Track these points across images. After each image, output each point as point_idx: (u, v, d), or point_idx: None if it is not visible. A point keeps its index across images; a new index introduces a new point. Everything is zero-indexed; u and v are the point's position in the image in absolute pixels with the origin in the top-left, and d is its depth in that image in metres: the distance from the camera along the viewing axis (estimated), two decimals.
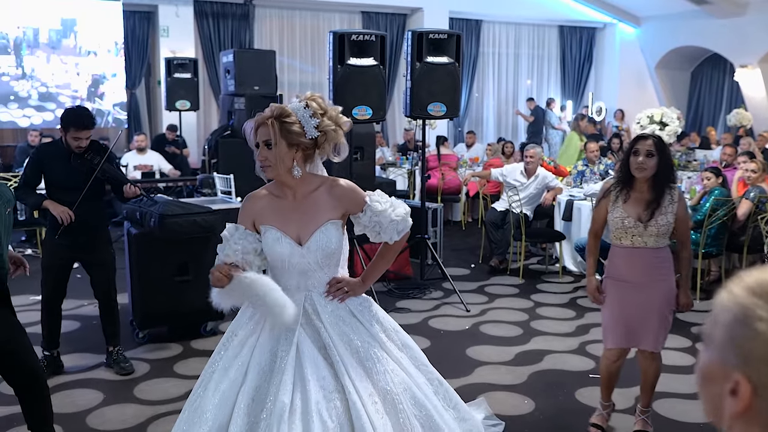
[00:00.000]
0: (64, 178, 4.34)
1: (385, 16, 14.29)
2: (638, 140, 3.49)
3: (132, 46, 12.63)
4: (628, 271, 3.55)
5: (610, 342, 3.70)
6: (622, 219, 3.50)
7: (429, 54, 6.22)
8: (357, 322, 2.61)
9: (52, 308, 4.56)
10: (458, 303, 6.14)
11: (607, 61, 16.24)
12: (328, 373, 2.46)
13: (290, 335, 2.50)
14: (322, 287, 2.61)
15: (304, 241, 2.55)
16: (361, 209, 2.64)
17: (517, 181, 7.38)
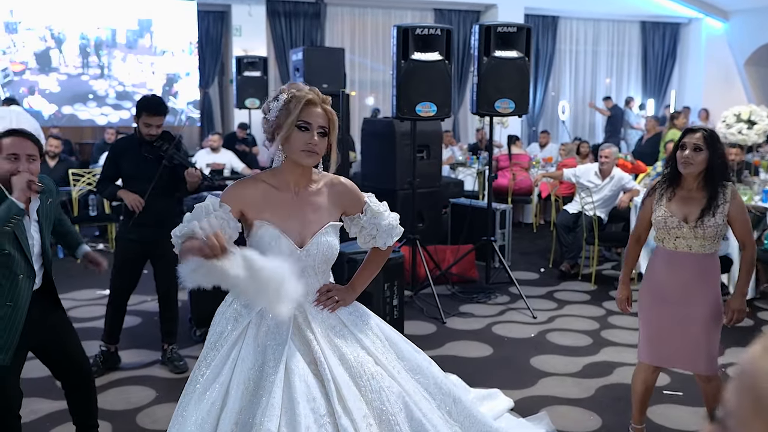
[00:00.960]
0: (136, 168, 4.38)
1: (458, 13, 14.05)
2: (686, 133, 3.21)
3: (206, 45, 12.82)
4: (668, 279, 3.24)
5: (646, 356, 3.39)
6: (665, 218, 3.21)
7: (497, 48, 5.98)
8: (349, 332, 2.42)
9: (119, 304, 4.58)
10: (525, 309, 5.88)
11: (692, 57, 15.52)
12: (319, 393, 2.23)
13: (279, 349, 2.27)
14: (312, 294, 2.42)
15: (304, 243, 2.36)
16: (361, 210, 2.52)
17: (590, 182, 7.04)
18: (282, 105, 2.32)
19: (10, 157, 2.93)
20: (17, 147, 2.95)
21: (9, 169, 2.92)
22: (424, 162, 6.84)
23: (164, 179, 4.42)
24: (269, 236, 2.33)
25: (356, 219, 2.53)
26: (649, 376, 3.43)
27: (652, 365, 3.39)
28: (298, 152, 2.31)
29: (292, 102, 2.31)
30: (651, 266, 3.37)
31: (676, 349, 3.26)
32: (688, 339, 3.21)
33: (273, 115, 2.34)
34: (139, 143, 4.42)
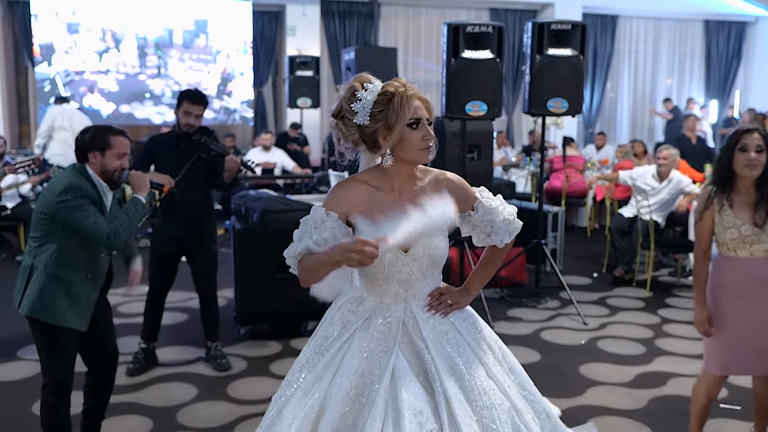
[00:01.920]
0: (173, 163, 4.33)
1: (513, 12, 13.83)
2: (743, 134, 3.04)
3: (260, 45, 12.92)
4: (743, 285, 3.11)
5: (718, 368, 3.24)
6: (738, 227, 3.06)
7: (551, 46, 5.82)
8: (462, 340, 2.25)
9: (157, 301, 4.57)
10: (575, 315, 5.70)
11: (758, 57, 14.93)
12: (426, 406, 2.08)
13: (385, 357, 2.15)
14: (422, 298, 2.27)
15: (408, 248, 2.20)
16: (471, 206, 2.32)
17: (647, 185, 6.79)
18: (375, 104, 2.14)
19: (119, 155, 3.21)
20: (125, 146, 3.24)
21: (117, 165, 3.21)
22: (474, 162, 6.70)
23: (201, 173, 4.39)
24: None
25: (467, 217, 2.34)
26: (713, 388, 3.30)
27: (721, 376, 3.27)
28: (417, 151, 2.17)
29: (394, 100, 2.12)
30: (719, 276, 3.20)
31: (752, 355, 3.16)
32: (765, 342, 3.13)
33: (364, 119, 2.14)
34: (177, 138, 4.40)
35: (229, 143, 10.45)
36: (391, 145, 2.15)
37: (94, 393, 3.46)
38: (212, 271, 4.64)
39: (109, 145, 3.18)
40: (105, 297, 3.42)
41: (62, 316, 3.11)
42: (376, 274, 2.23)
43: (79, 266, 3.15)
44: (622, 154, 9.85)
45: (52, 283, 3.10)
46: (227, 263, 6.42)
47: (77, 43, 11.70)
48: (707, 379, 3.29)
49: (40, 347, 3.20)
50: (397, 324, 2.22)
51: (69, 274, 3.13)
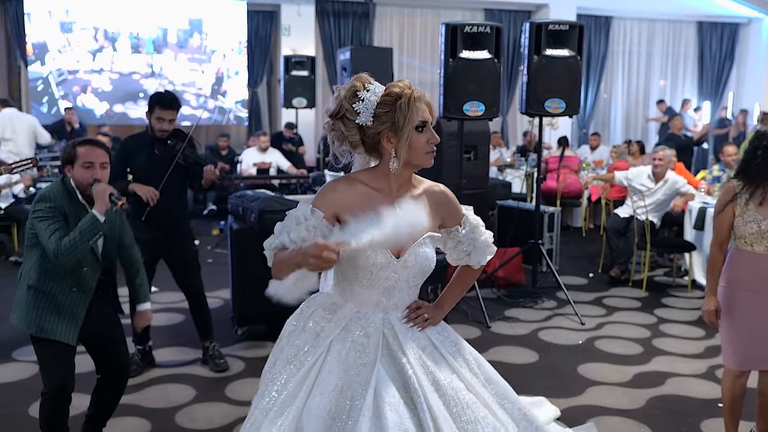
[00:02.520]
0: (148, 167, 4.30)
1: (508, 13, 13.86)
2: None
3: (255, 44, 12.90)
4: (759, 279, 3.21)
5: (736, 363, 3.32)
6: (758, 222, 3.17)
7: (548, 47, 5.81)
8: (440, 355, 2.21)
9: None
10: (572, 315, 5.70)
11: (752, 59, 14.99)
12: (411, 424, 2.00)
13: (366, 371, 2.07)
14: (401, 310, 2.22)
15: (401, 254, 2.15)
16: (459, 222, 2.31)
17: (643, 185, 6.81)
18: (375, 105, 2.08)
19: (85, 165, 3.11)
20: (92, 156, 3.12)
21: (86, 177, 3.10)
22: (471, 163, 6.70)
23: (177, 178, 4.36)
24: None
25: (454, 232, 2.31)
26: (736, 383, 3.35)
27: (741, 371, 3.32)
28: (423, 155, 2.13)
29: (401, 102, 2.07)
30: (735, 270, 3.28)
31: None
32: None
33: (367, 120, 2.08)
34: (151, 141, 4.34)
35: (224, 143, 10.43)
36: (402, 148, 2.10)
37: (101, 401, 3.41)
38: (195, 269, 4.60)
39: (75, 156, 3.12)
40: (112, 309, 3.38)
41: (49, 329, 3.08)
42: (361, 279, 2.15)
43: (61, 278, 3.09)
44: (616, 155, 9.88)
45: (36, 295, 3.09)
46: (223, 264, 6.41)
47: (71, 42, 11.65)
48: (728, 374, 3.37)
49: (37, 354, 3.18)
50: (377, 335, 2.15)
51: (51, 285, 3.09)
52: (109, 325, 3.33)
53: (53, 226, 3.01)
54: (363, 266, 2.12)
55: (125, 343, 3.44)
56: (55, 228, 3.01)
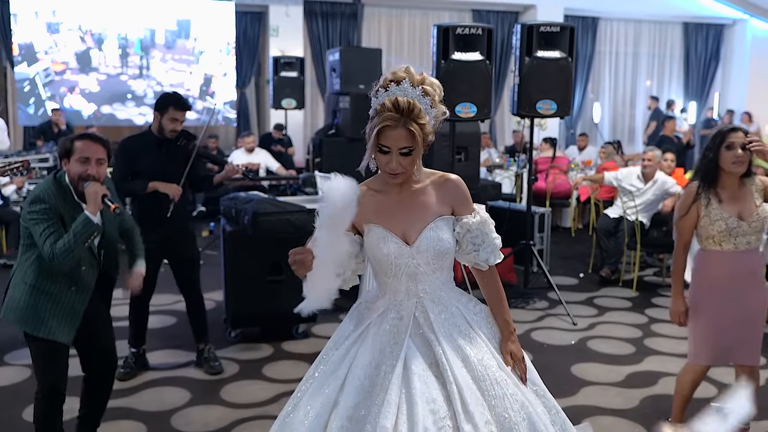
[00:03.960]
0: (155, 167, 4.27)
1: (496, 14, 13.91)
2: (729, 133, 3.25)
3: (243, 45, 12.86)
4: (728, 278, 3.29)
5: (705, 359, 3.41)
6: (725, 220, 3.24)
7: (539, 48, 5.84)
8: (475, 333, 2.29)
9: (142, 305, 4.52)
10: (564, 315, 5.73)
11: (736, 59, 15.15)
12: (439, 395, 2.12)
13: (396, 348, 2.21)
14: (434, 293, 2.30)
15: (411, 241, 2.26)
16: (470, 211, 2.34)
17: (633, 186, 6.86)
18: (372, 112, 2.18)
19: (81, 160, 3.05)
20: (89, 151, 3.06)
21: (80, 171, 3.04)
22: (462, 164, 6.71)
23: (189, 175, 4.37)
24: (377, 236, 2.26)
25: (462, 221, 2.32)
26: (699, 378, 3.46)
27: (706, 366, 3.42)
28: (383, 171, 2.23)
29: (375, 119, 2.15)
30: (704, 269, 3.37)
31: (735, 344, 3.33)
32: (746, 332, 3.31)
33: (372, 113, 2.20)
34: (157, 142, 4.32)
35: (212, 144, 10.40)
36: (369, 154, 2.20)
37: (91, 400, 3.42)
38: (195, 272, 4.61)
39: (72, 150, 3.07)
40: (106, 308, 3.37)
41: (47, 328, 3.06)
42: (385, 270, 2.29)
43: (59, 277, 3.06)
44: (605, 155, 9.94)
45: (34, 294, 3.06)
46: (215, 265, 6.39)
47: (57, 43, 11.57)
48: (694, 370, 3.45)
49: (32, 354, 3.16)
50: (408, 317, 2.27)
51: (50, 285, 3.06)
52: (98, 321, 3.31)
53: (48, 230, 2.97)
54: (381, 258, 2.26)
55: (113, 340, 3.43)
56: (50, 231, 2.97)
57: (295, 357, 4.78)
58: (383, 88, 2.17)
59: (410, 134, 2.14)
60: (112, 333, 3.44)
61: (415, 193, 2.30)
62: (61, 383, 3.16)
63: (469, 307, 2.35)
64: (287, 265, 2.18)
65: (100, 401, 3.44)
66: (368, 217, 2.27)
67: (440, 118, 2.24)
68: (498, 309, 2.41)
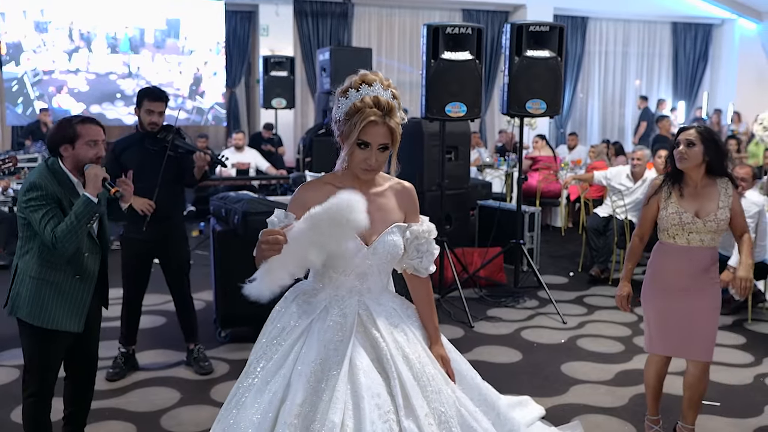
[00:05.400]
0: (141, 164, 4.23)
1: (486, 13, 13.94)
2: (680, 131, 3.39)
3: (233, 45, 12.84)
4: (678, 272, 3.39)
5: (660, 348, 3.52)
6: (679, 214, 3.34)
7: (529, 48, 5.86)
8: (411, 332, 2.41)
9: (133, 304, 4.50)
10: (554, 314, 5.75)
11: (725, 59, 15.24)
12: (383, 390, 2.22)
13: (342, 345, 2.27)
14: (375, 293, 2.40)
15: (369, 242, 2.34)
16: (417, 219, 2.47)
17: (622, 185, 6.89)
18: (348, 110, 2.25)
19: (90, 143, 3.08)
20: (96, 134, 3.11)
21: (91, 155, 3.07)
22: (452, 163, 6.73)
23: (170, 173, 4.31)
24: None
25: (414, 228, 2.44)
26: (661, 368, 3.56)
27: (664, 356, 3.53)
28: (358, 168, 2.30)
29: (356, 116, 2.23)
30: (657, 262, 3.48)
31: (685, 339, 3.41)
32: (696, 327, 3.38)
33: (340, 116, 2.28)
34: (141, 138, 4.31)
35: (202, 144, 10.36)
36: (346, 153, 2.29)
37: (75, 399, 3.39)
38: (186, 272, 4.59)
39: (76, 135, 3.06)
40: (96, 305, 3.34)
41: (56, 320, 3.05)
42: (336, 266, 2.34)
43: (64, 266, 3.06)
44: (594, 155, 9.98)
45: (40, 286, 3.04)
46: (204, 265, 6.37)
47: (46, 42, 11.51)
48: (654, 360, 3.57)
49: (26, 351, 3.13)
50: (352, 315, 2.34)
51: (54, 275, 3.05)
52: (89, 321, 3.26)
53: (47, 216, 2.95)
54: (337, 254, 2.27)
55: (98, 341, 3.42)
56: (50, 217, 2.95)
57: None
58: (354, 88, 2.25)
59: (389, 131, 2.25)
60: (98, 339, 3.43)
61: (376, 195, 2.38)
62: (51, 383, 3.15)
63: (403, 308, 2.47)
64: None
65: (86, 400, 3.42)
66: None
67: (403, 122, 2.32)
68: (428, 314, 2.52)
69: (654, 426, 3.64)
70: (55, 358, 3.15)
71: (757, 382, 4.50)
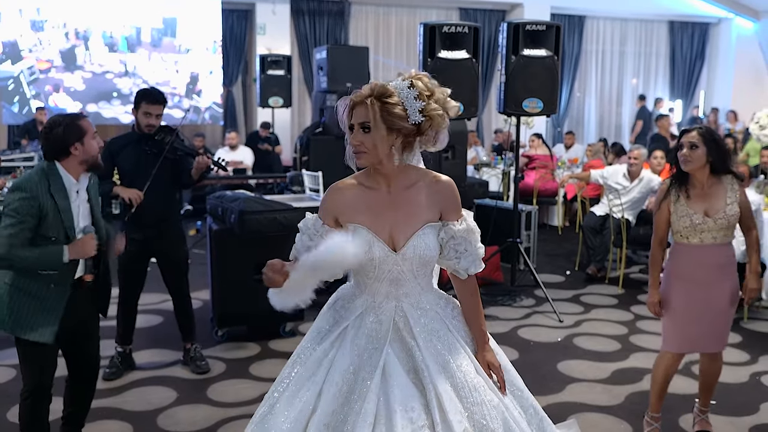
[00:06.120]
0: (135, 164, 4.23)
1: (483, 12, 13.93)
2: (683, 134, 3.45)
3: (230, 43, 12.81)
4: (695, 270, 3.45)
5: (675, 347, 3.57)
6: (689, 216, 3.41)
7: (526, 47, 5.86)
8: (453, 338, 2.28)
9: (129, 304, 4.50)
10: (551, 312, 5.76)
11: (722, 58, 15.25)
12: (418, 403, 2.11)
13: (376, 354, 2.19)
14: (414, 297, 2.28)
15: (399, 247, 2.22)
16: (457, 218, 2.29)
17: (618, 184, 6.90)
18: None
19: (94, 135, 3.13)
20: (92, 126, 3.17)
21: (97, 148, 3.14)
22: (449, 162, 6.72)
23: (166, 174, 4.30)
24: (362, 241, 2.19)
25: (450, 226, 2.27)
26: (672, 366, 3.59)
27: (678, 354, 3.57)
28: (351, 156, 2.22)
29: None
30: (675, 262, 3.53)
31: (703, 333, 3.49)
32: (714, 322, 3.47)
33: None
34: (138, 139, 4.30)
35: (199, 143, 10.35)
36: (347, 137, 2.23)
37: (75, 400, 3.40)
38: (184, 271, 4.59)
39: (84, 131, 3.07)
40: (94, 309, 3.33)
41: (27, 330, 3.01)
42: (368, 272, 2.25)
43: (37, 276, 3.00)
44: (591, 153, 9.98)
45: (14, 293, 3.01)
46: (201, 264, 6.37)
47: (42, 40, 11.48)
48: (666, 358, 3.59)
49: (19, 354, 3.13)
50: (388, 322, 2.25)
51: (29, 283, 3.00)
52: (86, 324, 3.28)
53: (15, 226, 2.88)
54: (365, 262, 2.21)
55: (98, 343, 3.41)
56: (17, 229, 2.88)
57: (282, 356, 4.76)
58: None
59: (368, 109, 2.14)
60: (98, 340, 3.42)
61: (406, 193, 2.25)
62: (48, 383, 3.15)
63: (447, 311, 2.34)
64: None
65: (84, 402, 3.42)
66: (355, 215, 2.24)
67: (434, 113, 2.17)
68: (474, 318, 2.37)
69: (654, 423, 3.66)
70: (47, 362, 3.12)
71: (753, 380, 4.51)
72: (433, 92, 2.19)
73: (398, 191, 2.25)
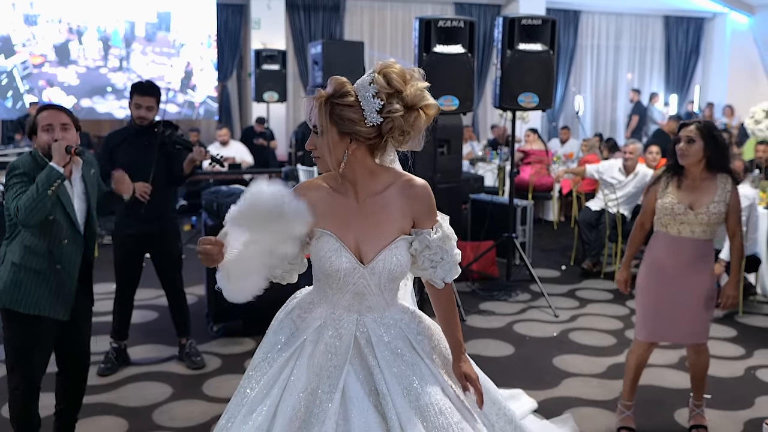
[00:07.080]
0: (134, 159, 4.20)
1: (478, 7, 13.91)
2: (681, 127, 3.47)
3: (224, 38, 12.77)
4: (669, 261, 3.48)
5: (643, 334, 3.61)
6: (672, 205, 3.44)
7: (521, 41, 5.86)
8: (417, 357, 2.13)
9: (125, 300, 4.49)
10: (546, 307, 5.76)
11: (716, 53, 15.27)
12: (378, 428, 1.98)
13: (335, 372, 2.05)
14: (378, 311, 2.14)
15: (366, 259, 2.08)
16: (432, 225, 2.12)
17: (614, 178, 6.90)
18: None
19: (46, 128, 3.10)
20: (51, 118, 3.11)
21: (47, 140, 3.08)
22: (444, 157, 6.71)
23: (162, 168, 4.29)
24: (328, 248, 2.07)
25: (424, 235, 2.10)
26: (643, 354, 3.66)
27: (648, 342, 3.62)
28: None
29: None
30: (651, 249, 3.58)
31: (673, 325, 3.53)
32: (685, 315, 3.49)
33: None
34: (135, 133, 4.29)
35: (194, 138, 10.32)
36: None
37: (67, 395, 3.38)
38: (178, 267, 4.58)
39: (36, 124, 3.13)
40: (87, 299, 3.33)
41: (38, 305, 3.04)
42: (330, 283, 2.12)
43: (44, 255, 3.05)
44: (587, 148, 9.98)
45: (21, 273, 3.04)
46: (196, 259, 6.34)
47: (35, 35, 11.42)
48: (637, 346, 3.66)
49: (9, 342, 3.11)
50: (348, 337, 2.11)
51: (35, 262, 3.04)
52: (79, 316, 3.27)
53: (19, 191, 2.98)
54: (329, 272, 2.08)
55: (89, 336, 3.41)
56: (21, 191, 2.98)
57: None
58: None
59: (318, 110, 2.00)
60: (90, 332, 3.42)
61: (376, 200, 2.09)
62: (39, 374, 3.14)
63: (411, 327, 2.19)
64: None
65: (77, 395, 3.41)
66: (321, 219, 2.07)
67: (395, 114, 1.97)
68: (450, 328, 2.21)
69: (626, 411, 3.73)
70: (40, 349, 3.12)
71: (747, 374, 4.52)
72: (400, 89, 1.98)
73: (367, 198, 2.09)
